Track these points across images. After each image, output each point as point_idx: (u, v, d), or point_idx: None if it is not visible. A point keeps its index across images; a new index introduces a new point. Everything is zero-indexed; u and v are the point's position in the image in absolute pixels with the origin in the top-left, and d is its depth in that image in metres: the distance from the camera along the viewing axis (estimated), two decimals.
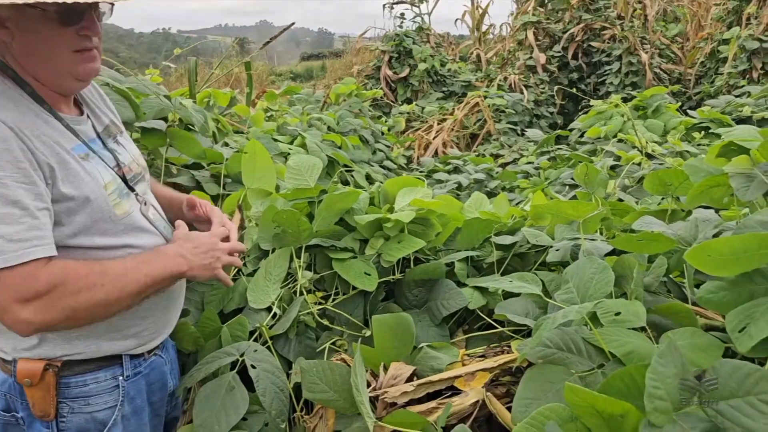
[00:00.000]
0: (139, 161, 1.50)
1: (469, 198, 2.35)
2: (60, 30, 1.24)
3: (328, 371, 1.47)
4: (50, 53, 1.26)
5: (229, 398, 1.38)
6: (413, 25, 13.30)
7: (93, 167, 1.31)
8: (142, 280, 1.28)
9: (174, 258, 1.35)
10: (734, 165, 1.45)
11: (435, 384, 1.46)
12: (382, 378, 1.50)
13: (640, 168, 3.62)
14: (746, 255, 1.06)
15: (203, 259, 1.40)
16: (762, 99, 6.01)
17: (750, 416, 0.95)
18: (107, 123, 1.47)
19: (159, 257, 1.34)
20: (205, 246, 1.42)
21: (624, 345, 1.16)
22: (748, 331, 1.00)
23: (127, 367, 1.40)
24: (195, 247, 1.40)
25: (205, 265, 1.40)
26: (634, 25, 11.21)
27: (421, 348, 1.57)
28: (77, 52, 1.28)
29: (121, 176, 1.40)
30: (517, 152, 7.59)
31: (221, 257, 1.44)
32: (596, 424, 1.04)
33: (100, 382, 1.35)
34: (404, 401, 1.42)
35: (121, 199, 1.35)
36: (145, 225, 1.42)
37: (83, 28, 1.27)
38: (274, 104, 4.37)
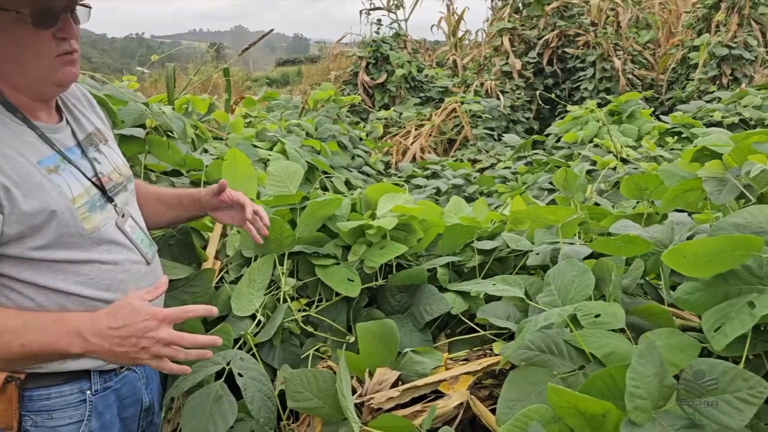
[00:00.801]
0: (121, 170, 1.45)
1: (448, 203, 2.38)
2: (36, 34, 1.21)
3: (312, 379, 1.47)
4: (27, 58, 1.23)
5: (217, 407, 1.37)
6: (390, 31, 13.37)
7: (61, 180, 1.26)
8: (16, 349, 1.13)
9: (69, 335, 1.15)
10: (707, 170, 1.49)
11: (420, 389, 1.48)
12: (368, 384, 1.51)
13: (616, 172, 3.68)
14: (720, 256, 1.09)
15: (116, 345, 1.14)
16: (732, 104, 6.16)
17: (726, 413, 0.98)
18: (91, 131, 1.43)
19: (52, 328, 1.15)
20: (129, 330, 1.15)
21: (604, 346, 1.19)
22: (723, 330, 1.03)
23: (96, 381, 1.34)
24: (113, 327, 1.15)
25: (116, 353, 1.15)
26: (608, 32, 11.41)
27: (405, 353, 1.58)
28: (57, 57, 1.25)
29: (99, 186, 1.35)
30: (494, 157, 7.68)
31: (151, 348, 1.15)
32: (578, 424, 1.07)
33: (65, 396, 1.30)
34: (390, 406, 1.43)
35: (92, 213, 1.30)
36: (120, 238, 1.36)
37: (59, 30, 1.23)
38: (252, 110, 4.35)
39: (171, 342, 1.16)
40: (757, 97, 6.04)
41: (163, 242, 1.79)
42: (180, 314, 1.20)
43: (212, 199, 1.64)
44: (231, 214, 1.66)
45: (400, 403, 1.46)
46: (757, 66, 9.85)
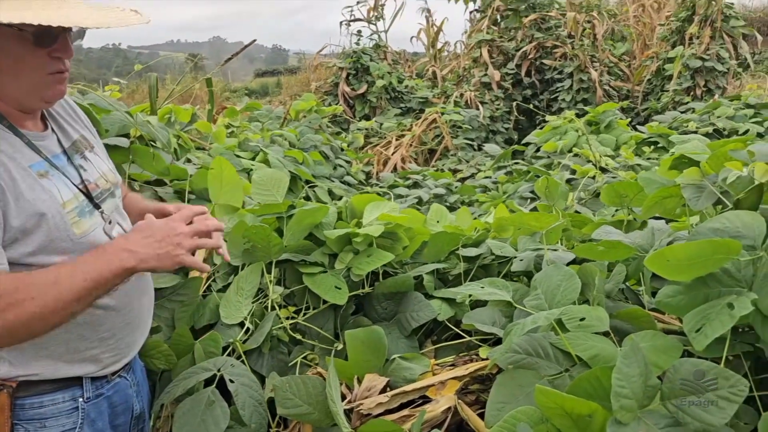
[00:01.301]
0: (107, 177, 1.46)
1: (429, 211, 2.40)
2: (33, 51, 1.22)
3: (302, 385, 1.48)
4: (21, 73, 1.24)
5: (209, 413, 1.37)
6: (370, 42, 13.46)
7: (51, 184, 1.27)
8: (80, 284, 1.18)
9: (117, 253, 1.23)
10: (686, 176, 1.53)
11: (409, 394, 1.49)
12: (357, 390, 1.52)
13: (595, 181, 3.75)
14: (701, 260, 1.13)
15: (158, 248, 1.25)
16: (706, 115, 6.31)
17: (709, 411, 1.02)
18: (76, 138, 1.44)
19: (99, 256, 1.22)
20: (160, 233, 1.27)
21: (589, 349, 1.22)
22: (703, 331, 1.06)
23: (88, 388, 1.34)
24: (146, 236, 1.26)
25: (161, 255, 1.25)
26: (584, 44, 11.62)
27: (393, 359, 1.60)
28: (50, 75, 1.27)
29: (86, 193, 1.35)
30: (474, 167, 7.75)
31: (183, 242, 1.28)
32: (566, 425, 1.09)
33: (58, 404, 1.30)
34: (379, 411, 1.44)
35: (82, 218, 1.31)
36: (106, 242, 1.36)
37: (56, 50, 1.25)
38: (235, 120, 4.35)
39: (195, 232, 1.32)
40: (730, 107, 6.19)
41: None
42: (187, 213, 1.37)
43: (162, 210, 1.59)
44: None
45: (389, 408, 1.47)
46: (729, 77, 10.11)
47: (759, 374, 1.27)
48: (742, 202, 1.38)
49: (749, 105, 6.34)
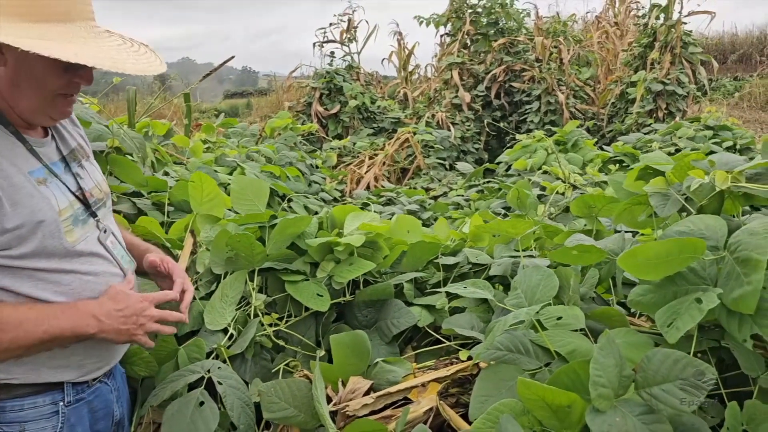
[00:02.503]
0: (101, 187, 1.48)
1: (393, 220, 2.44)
2: (58, 73, 1.25)
3: (287, 389, 1.50)
4: (36, 90, 1.26)
5: (198, 413, 1.38)
6: (343, 63, 13.59)
7: (49, 192, 1.29)
8: (39, 335, 1.23)
9: (85, 318, 1.29)
10: (652, 185, 1.62)
11: (393, 395, 1.53)
12: (342, 392, 1.55)
13: (564, 197, 3.86)
14: (669, 258, 1.20)
15: (121, 324, 1.33)
16: (667, 135, 6.55)
17: (679, 398, 1.08)
18: (74, 147, 1.46)
19: (68, 313, 1.27)
20: (130, 310, 1.35)
21: (567, 344, 1.28)
22: (675, 324, 1.13)
23: (69, 393, 1.35)
24: (118, 309, 1.33)
25: (120, 330, 1.33)
26: (551, 68, 11.95)
27: (376, 363, 1.63)
28: (61, 95, 1.30)
29: (83, 201, 1.38)
30: (446, 186, 7.86)
31: (146, 324, 1.37)
32: (546, 416, 1.14)
33: (38, 407, 1.30)
34: (365, 413, 1.47)
35: (75, 226, 1.33)
36: (101, 251, 1.40)
37: (79, 76, 1.29)
38: (211, 136, 4.36)
39: (160, 317, 1.40)
40: (690, 129, 6.44)
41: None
42: (161, 297, 1.44)
43: (149, 268, 1.61)
44: (168, 283, 1.59)
45: (374, 409, 1.50)
46: (689, 101, 10.49)
47: (724, 372, 1.34)
48: (705, 208, 1.46)
49: (708, 126, 6.60)
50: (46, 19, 1.19)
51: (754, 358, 1.24)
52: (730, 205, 1.52)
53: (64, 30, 1.20)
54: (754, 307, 1.08)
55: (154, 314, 1.39)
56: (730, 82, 17.69)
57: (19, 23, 1.17)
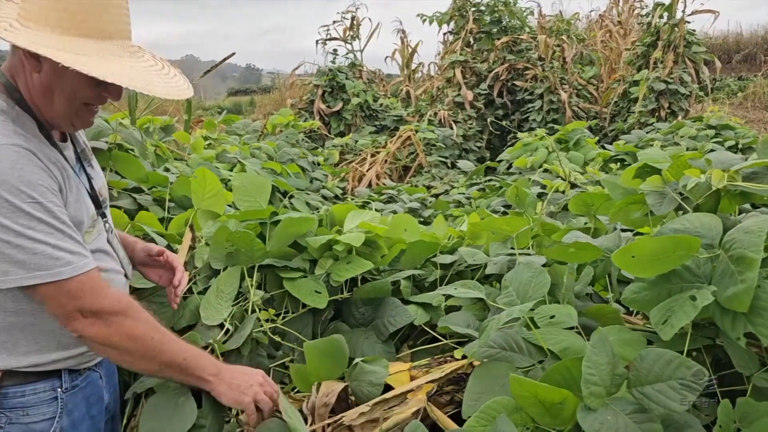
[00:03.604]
0: (106, 186, 1.54)
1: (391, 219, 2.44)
2: (88, 86, 1.29)
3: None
4: (66, 100, 1.30)
5: (178, 409, 1.39)
6: (346, 61, 13.58)
7: (83, 192, 1.37)
8: (179, 360, 1.35)
9: (212, 366, 1.40)
10: (649, 184, 1.62)
11: (390, 401, 1.52)
12: (314, 397, 1.54)
13: (564, 195, 3.86)
14: (664, 256, 1.20)
15: (234, 379, 1.41)
16: (669, 135, 6.53)
17: (671, 398, 1.08)
18: (83, 147, 1.50)
19: (204, 357, 1.41)
20: (248, 371, 1.46)
21: (560, 342, 1.28)
22: (669, 322, 1.13)
23: (66, 380, 1.39)
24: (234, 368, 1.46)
25: (232, 385, 1.41)
26: (554, 67, 11.93)
27: (356, 365, 1.62)
28: (86, 105, 1.34)
29: (95, 201, 1.43)
30: (448, 184, 7.86)
31: (256, 389, 1.43)
32: (539, 413, 1.14)
33: (39, 393, 1.34)
34: (362, 421, 1.47)
35: (93, 226, 1.40)
36: (108, 249, 1.46)
37: (108, 91, 1.32)
38: (213, 132, 4.37)
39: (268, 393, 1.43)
40: (692, 128, 6.43)
41: None
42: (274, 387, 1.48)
43: (146, 256, 1.68)
44: (159, 272, 1.70)
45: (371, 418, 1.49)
46: (692, 100, 10.47)
47: (720, 371, 1.34)
48: (701, 206, 1.46)
49: (710, 126, 6.59)
50: (84, 35, 1.24)
51: (748, 356, 1.25)
52: (726, 204, 1.52)
53: (100, 47, 1.25)
54: (747, 306, 1.08)
55: (266, 387, 1.44)
56: (735, 81, 17.64)
57: (59, 36, 1.21)
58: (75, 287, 1.24)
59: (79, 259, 1.24)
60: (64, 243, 1.23)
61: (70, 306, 1.24)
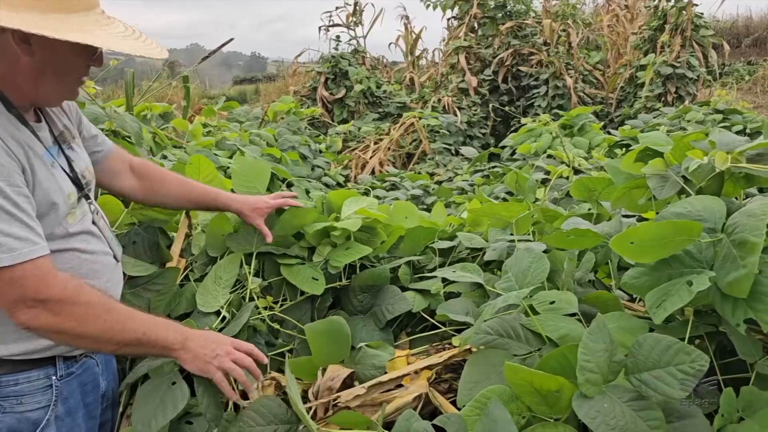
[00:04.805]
0: (90, 168, 1.51)
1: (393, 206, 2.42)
2: (79, 60, 1.31)
3: (261, 409, 1.46)
4: (61, 77, 1.32)
5: (169, 393, 1.37)
6: (349, 47, 13.49)
7: (58, 174, 1.34)
8: (137, 335, 1.30)
9: (176, 331, 1.37)
10: (651, 167, 1.58)
11: (385, 384, 1.51)
12: (320, 381, 1.53)
13: (568, 181, 3.82)
14: (664, 241, 1.17)
15: (201, 347, 1.37)
16: (676, 119, 6.45)
17: (669, 384, 1.06)
18: (61, 129, 1.48)
19: (167, 327, 1.37)
20: (213, 338, 1.42)
21: (559, 329, 1.25)
22: (663, 305, 1.10)
23: (60, 367, 1.38)
24: (203, 335, 1.42)
25: (198, 355, 1.36)
26: (560, 52, 11.80)
27: (360, 348, 1.61)
28: (78, 79, 1.35)
29: (76, 183, 1.41)
30: (452, 171, 7.81)
31: (222, 358, 1.38)
32: (535, 401, 1.12)
33: (33, 382, 1.33)
34: (357, 404, 1.45)
35: (75, 208, 1.38)
36: (95, 230, 1.45)
37: (95, 60, 1.34)
38: (212, 120, 4.34)
39: (239, 360, 1.39)
40: (699, 112, 6.35)
41: (127, 240, 1.78)
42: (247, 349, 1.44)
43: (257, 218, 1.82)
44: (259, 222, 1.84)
45: (366, 400, 1.48)
46: (699, 85, 10.35)
47: (723, 358, 1.32)
48: (704, 189, 1.42)
49: (718, 110, 6.50)
50: (58, 10, 1.23)
51: (752, 343, 1.21)
52: (730, 187, 1.48)
53: (79, 20, 1.25)
54: (747, 291, 1.05)
55: (234, 354, 1.40)
56: (744, 66, 17.43)
57: (41, 15, 1.20)
58: (17, 275, 1.18)
59: (25, 246, 1.19)
60: (11, 228, 1.17)
61: (12, 295, 1.20)
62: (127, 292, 1.67)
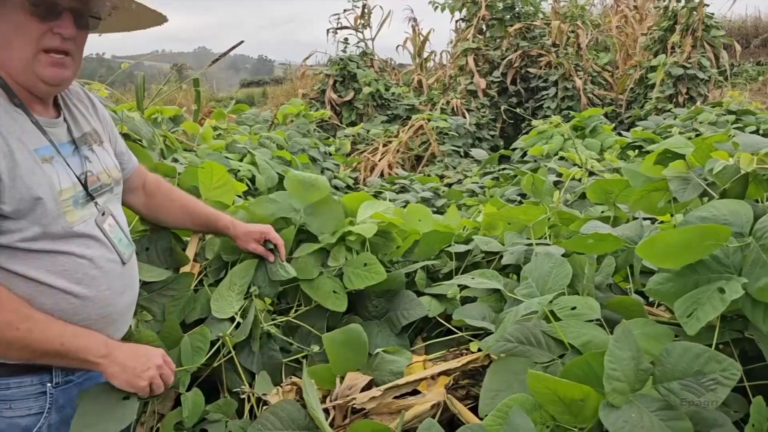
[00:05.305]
0: (111, 173, 1.48)
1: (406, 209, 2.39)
2: (35, 24, 1.24)
3: (280, 413, 1.44)
4: (20, 46, 1.25)
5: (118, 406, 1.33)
6: (357, 50, 13.49)
7: (52, 171, 1.29)
8: (55, 345, 1.26)
9: (98, 342, 1.31)
10: (672, 169, 1.55)
11: (401, 387, 1.49)
12: (338, 388, 1.51)
13: (581, 183, 3.78)
14: (690, 246, 1.14)
15: (129, 360, 1.33)
16: (688, 121, 6.40)
17: (698, 394, 1.03)
18: (87, 131, 1.46)
19: (89, 338, 1.31)
20: (142, 351, 1.38)
21: (581, 336, 1.22)
22: (695, 315, 1.07)
23: (57, 374, 1.34)
24: (130, 347, 1.37)
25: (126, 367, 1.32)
26: (569, 53, 11.74)
27: (377, 354, 1.59)
28: (45, 52, 1.27)
29: (83, 184, 1.37)
30: (461, 173, 7.78)
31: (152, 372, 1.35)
32: (559, 410, 1.09)
33: (24, 387, 1.30)
34: (373, 406, 1.43)
35: (75, 207, 1.33)
36: (98, 235, 1.39)
37: (58, 26, 1.26)
38: (222, 123, 4.34)
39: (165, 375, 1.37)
40: (712, 113, 6.29)
41: (140, 246, 1.77)
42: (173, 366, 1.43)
43: (251, 242, 1.79)
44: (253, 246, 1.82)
45: (383, 402, 1.46)
46: (711, 86, 10.26)
47: (748, 364, 1.28)
48: (728, 192, 1.40)
49: (731, 111, 6.44)
50: None
51: None
52: (754, 190, 1.45)
53: None
54: None
55: (164, 369, 1.38)
56: (753, 66, 17.30)
57: None
58: None
59: None
60: None
61: None
62: (142, 298, 1.65)
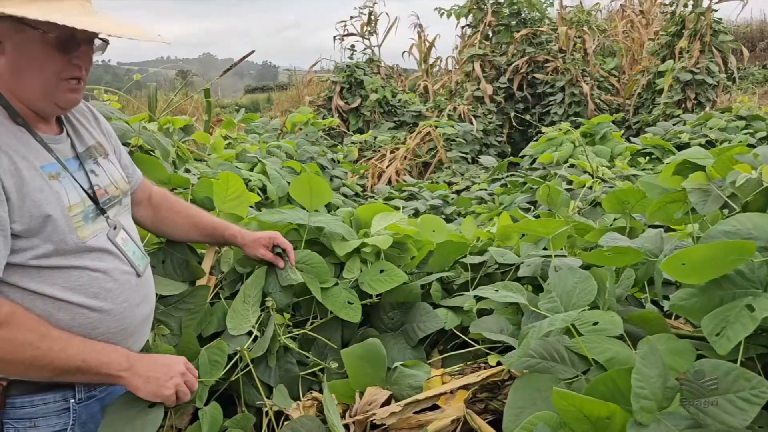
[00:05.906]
0: (118, 185, 1.48)
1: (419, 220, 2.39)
2: (54, 56, 1.25)
3: (300, 429, 1.44)
4: (38, 76, 1.26)
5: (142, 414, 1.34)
6: (363, 56, 13.52)
7: (60, 187, 1.29)
8: (76, 362, 1.26)
9: (119, 355, 1.32)
10: (692, 181, 1.54)
11: (421, 402, 1.48)
12: (358, 404, 1.50)
13: (592, 191, 3.77)
14: (715, 262, 1.13)
15: (151, 371, 1.35)
16: (698, 126, 6.37)
17: (729, 413, 1.01)
18: (91, 144, 1.46)
19: (109, 352, 1.31)
20: (164, 360, 1.40)
21: (605, 351, 1.21)
22: (725, 334, 1.06)
23: (80, 390, 1.35)
24: (151, 359, 1.39)
25: (150, 378, 1.34)
26: (575, 58, 11.73)
27: (395, 368, 1.58)
28: (64, 80, 1.29)
29: (93, 198, 1.37)
30: (469, 179, 7.77)
31: (177, 379, 1.38)
32: (584, 428, 1.08)
33: (48, 404, 1.30)
34: (392, 421, 1.42)
35: (86, 222, 1.33)
36: (111, 248, 1.39)
37: (76, 57, 1.28)
38: (232, 132, 4.35)
39: (190, 382, 1.40)
40: (722, 119, 6.26)
41: (156, 260, 1.77)
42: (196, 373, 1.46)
43: (260, 248, 1.79)
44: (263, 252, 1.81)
45: (402, 417, 1.45)
46: (719, 91, 10.22)
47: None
48: (751, 204, 1.38)
49: (740, 117, 6.41)
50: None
51: None
52: None
53: (59, 6, 1.21)
54: None
55: (188, 376, 1.40)
56: (759, 70, 17.24)
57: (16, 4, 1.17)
58: None
59: None
60: None
61: None
62: (158, 311, 1.65)
